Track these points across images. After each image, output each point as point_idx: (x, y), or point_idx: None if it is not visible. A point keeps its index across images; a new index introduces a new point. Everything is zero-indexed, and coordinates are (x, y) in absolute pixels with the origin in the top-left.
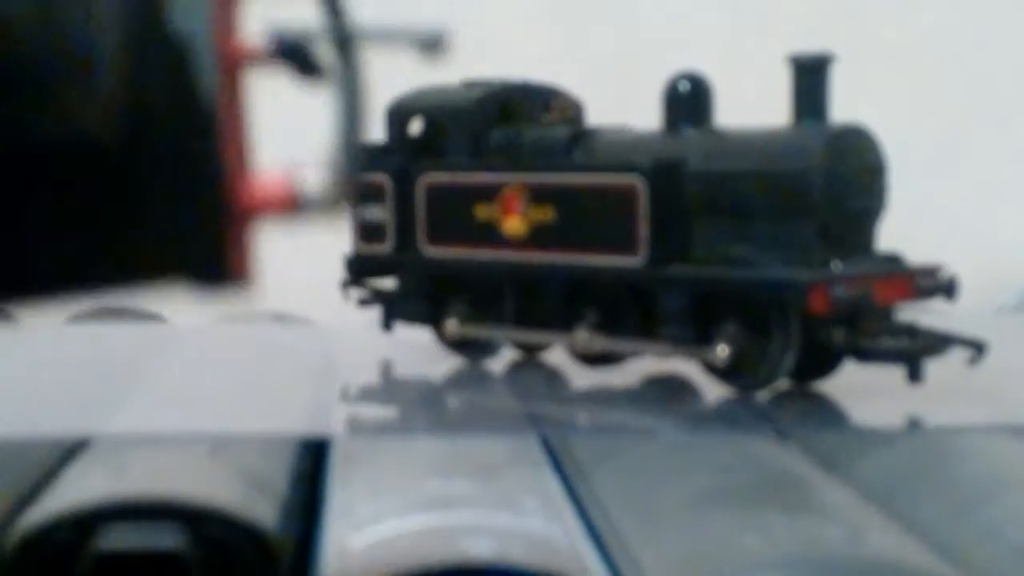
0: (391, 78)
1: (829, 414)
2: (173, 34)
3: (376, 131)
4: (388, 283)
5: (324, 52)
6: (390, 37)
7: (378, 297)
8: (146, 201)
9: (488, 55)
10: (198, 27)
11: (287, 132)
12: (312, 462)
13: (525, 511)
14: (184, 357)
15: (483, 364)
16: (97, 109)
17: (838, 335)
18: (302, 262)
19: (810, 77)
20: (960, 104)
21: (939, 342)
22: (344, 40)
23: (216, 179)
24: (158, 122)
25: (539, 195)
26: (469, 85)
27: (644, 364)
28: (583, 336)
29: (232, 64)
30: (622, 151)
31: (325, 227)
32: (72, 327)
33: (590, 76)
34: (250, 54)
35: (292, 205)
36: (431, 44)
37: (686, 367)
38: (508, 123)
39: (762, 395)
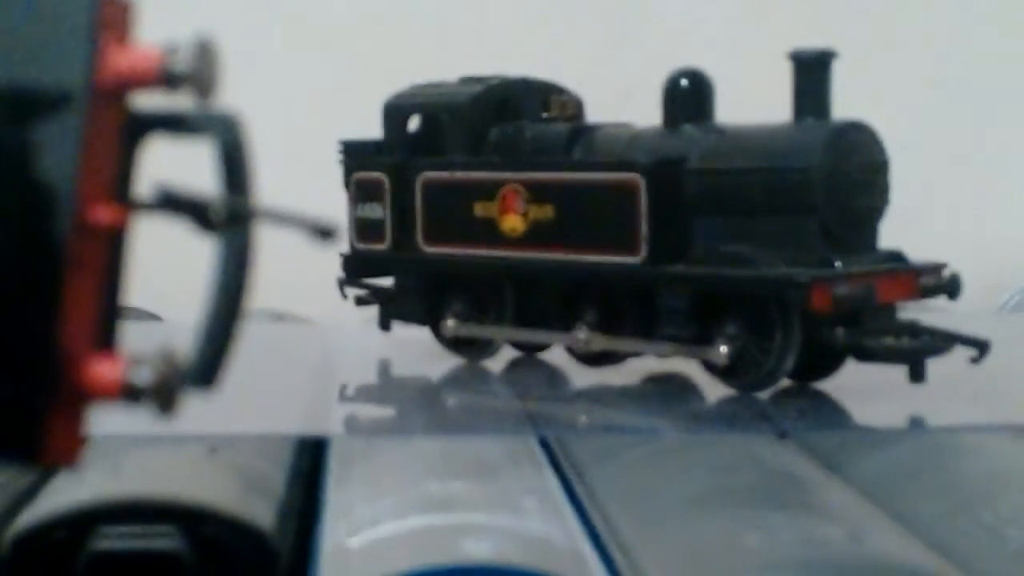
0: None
1: (830, 414)
2: (28, 184)
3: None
4: (386, 282)
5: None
6: (284, 220)
7: (376, 296)
8: None
9: (487, 50)
10: (61, 175)
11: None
12: (309, 462)
13: (524, 511)
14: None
15: (482, 363)
16: None
17: (840, 334)
18: (301, 260)
19: (812, 74)
20: (963, 101)
21: (942, 341)
22: (238, 216)
23: (47, 352)
24: None
25: (538, 193)
26: (467, 81)
27: (644, 363)
28: (582, 335)
29: (98, 223)
30: (622, 148)
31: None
32: None
33: (589, 72)
34: (129, 207)
35: (126, 394)
36: (323, 232)
37: (686, 366)
38: (507, 120)
39: (763, 395)
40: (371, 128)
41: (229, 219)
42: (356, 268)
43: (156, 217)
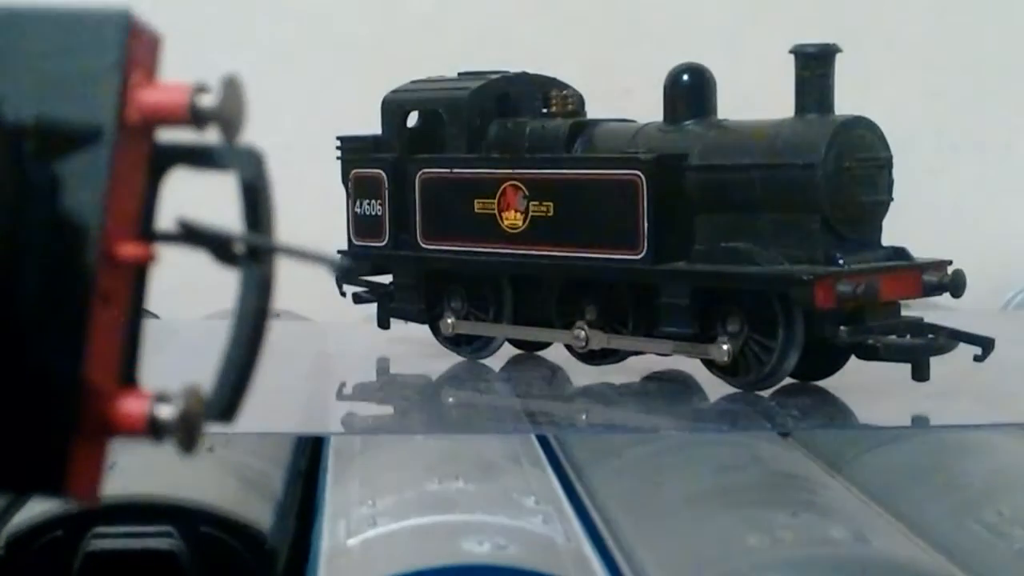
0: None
1: (833, 412)
2: (56, 219)
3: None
4: (384, 279)
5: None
6: (302, 256)
7: (374, 293)
8: None
9: (486, 45)
10: (88, 209)
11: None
12: (308, 461)
13: (524, 511)
14: (177, 354)
15: (481, 361)
16: None
17: (842, 332)
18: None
19: (814, 69)
20: (968, 96)
21: (945, 339)
22: (259, 253)
23: (72, 386)
24: (12, 318)
25: (538, 189)
26: (467, 77)
27: (645, 361)
28: (582, 333)
29: (123, 257)
30: (623, 144)
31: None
32: None
33: (590, 67)
34: (152, 241)
35: (150, 430)
36: (340, 269)
37: (688, 364)
38: (507, 115)
39: (765, 393)
40: (370, 124)
41: (250, 255)
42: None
43: (177, 249)
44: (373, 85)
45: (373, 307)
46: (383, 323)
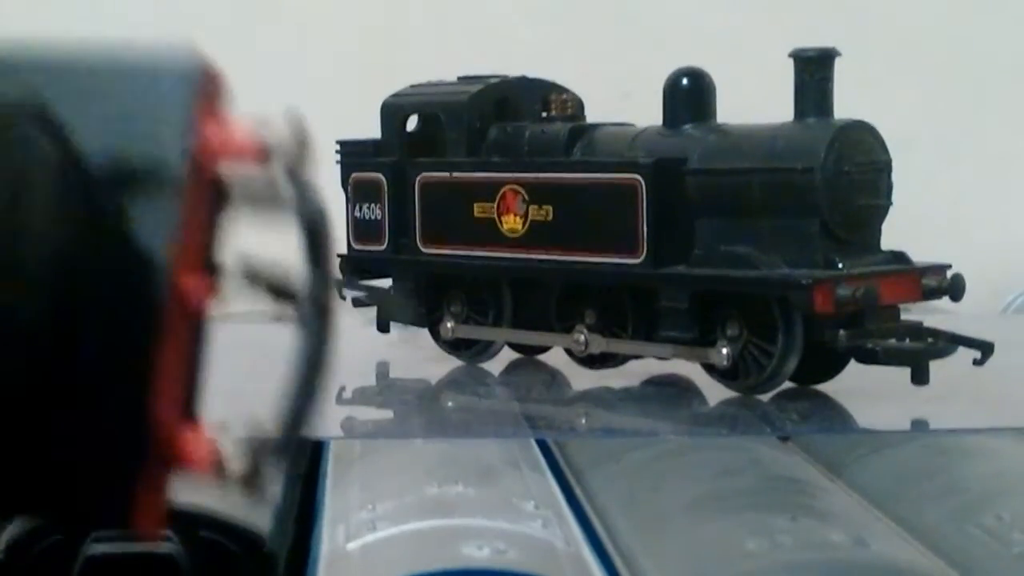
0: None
1: (832, 416)
2: (127, 253)
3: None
4: (384, 283)
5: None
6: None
7: (374, 297)
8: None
9: (486, 49)
10: (158, 245)
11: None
12: (307, 465)
13: (523, 515)
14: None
15: (481, 365)
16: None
17: (842, 336)
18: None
19: (813, 73)
20: (967, 100)
21: (945, 343)
22: (319, 300)
23: (140, 421)
24: (81, 357)
25: (538, 193)
26: (466, 80)
27: (644, 365)
28: (582, 337)
29: (189, 293)
30: (622, 148)
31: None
32: None
33: (590, 71)
34: (216, 278)
35: (216, 471)
36: (399, 304)
37: (687, 368)
38: (506, 119)
39: (764, 397)
40: (369, 128)
41: (311, 300)
42: (354, 269)
43: (239, 289)
44: (373, 89)
45: (372, 311)
46: (383, 327)
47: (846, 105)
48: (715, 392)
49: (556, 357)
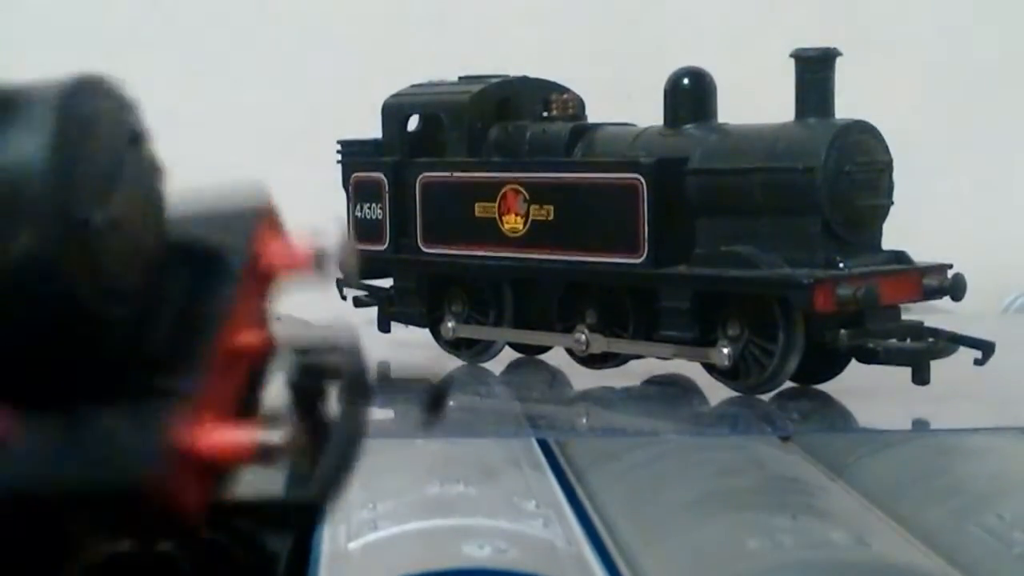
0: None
1: (833, 416)
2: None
3: None
4: (385, 283)
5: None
6: (399, 388)
7: (374, 297)
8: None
9: (487, 49)
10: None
11: None
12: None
13: (524, 515)
14: None
15: (482, 365)
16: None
17: (843, 335)
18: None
19: (815, 73)
20: (968, 100)
21: (946, 343)
22: (358, 389)
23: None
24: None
25: (539, 193)
26: (467, 80)
27: (645, 365)
28: (583, 337)
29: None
30: (623, 148)
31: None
32: None
33: (591, 71)
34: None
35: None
36: (436, 399)
37: (688, 368)
38: (507, 119)
39: (765, 397)
40: (370, 128)
41: (351, 391)
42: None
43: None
44: (374, 89)
45: (373, 311)
46: (383, 327)
47: (846, 105)
48: (716, 392)
49: (557, 357)
